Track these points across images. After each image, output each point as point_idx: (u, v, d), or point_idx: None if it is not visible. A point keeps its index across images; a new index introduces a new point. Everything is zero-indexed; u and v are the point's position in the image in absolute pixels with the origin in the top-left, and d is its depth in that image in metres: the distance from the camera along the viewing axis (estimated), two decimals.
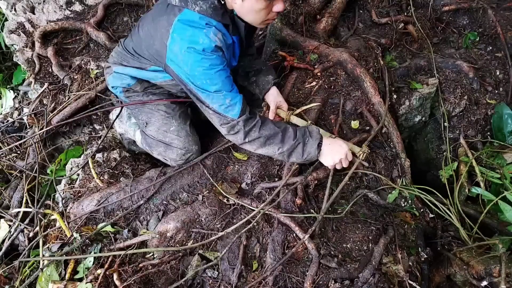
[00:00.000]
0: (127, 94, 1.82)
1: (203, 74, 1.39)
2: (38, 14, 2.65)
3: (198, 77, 1.40)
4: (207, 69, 1.37)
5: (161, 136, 1.78)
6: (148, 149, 1.90)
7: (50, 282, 1.49)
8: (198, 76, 1.40)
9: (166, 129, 1.78)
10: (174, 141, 1.77)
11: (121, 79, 1.77)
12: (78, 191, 1.85)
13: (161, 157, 1.84)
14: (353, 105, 1.99)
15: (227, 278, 1.45)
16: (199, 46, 1.33)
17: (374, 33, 2.52)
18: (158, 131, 1.79)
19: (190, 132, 1.81)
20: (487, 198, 1.75)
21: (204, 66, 1.36)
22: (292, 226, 1.49)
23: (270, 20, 1.43)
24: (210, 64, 1.37)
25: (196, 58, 1.35)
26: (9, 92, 2.94)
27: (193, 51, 1.34)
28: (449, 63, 2.29)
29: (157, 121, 1.80)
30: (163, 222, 1.64)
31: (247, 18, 1.41)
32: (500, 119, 2.11)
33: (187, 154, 1.79)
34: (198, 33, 1.33)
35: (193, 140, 1.80)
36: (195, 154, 1.82)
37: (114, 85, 1.82)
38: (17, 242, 1.86)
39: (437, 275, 1.58)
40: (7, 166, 2.27)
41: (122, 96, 1.86)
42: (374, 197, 1.72)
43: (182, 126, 1.80)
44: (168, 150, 1.79)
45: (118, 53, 1.76)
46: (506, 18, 2.35)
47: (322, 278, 1.37)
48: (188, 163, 1.83)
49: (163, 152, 1.81)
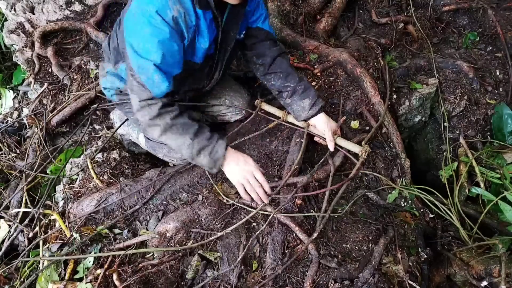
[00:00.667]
0: (120, 97, 1.79)
1: (144, 36, 1.27)
2: (37, 14, 2.65)
3: (140, 37, 1.29)
4: (152, 33, 1.26)
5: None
6: (153, 151, 1.89)
7: (50, 282, 1.49)
8: (139, 36, 1.28)
9: None
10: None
11: (111, 82, 1.73)
12: (78, 191, 1.85)
13: (167, 158, 1.82)
14: (353, 105, 1.99)
15: (227, 278, 1.45)
16: (153, 7, 1.23)
17: (374, 33, 2.52)
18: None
19: None
20: (487, 198, 1.75)
21: (150, 28, 1.25)
22: (292, 226, 1.49)
23: None
24: (157, 30, 1.26)
25: (146, 17, 1.25)
26: (9, 92, 2.94)
27: (146, 10, 1.24)
28: (449, 63, 2.29)
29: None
30: (163, 222, 1.64)
31: None
32: (500, 119, 2.11)
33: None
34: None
35: None
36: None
37: (106, 87, 1.79)
38: (16, 242, 1.86)
39: (437, 275, 1.58)
40: (7, 166, 2.27)
41: (115, 99, 1.82)
42: (374, 197, 1.72)
43: None
44: (172, 151, 1.77)
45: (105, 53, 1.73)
46: (506, 18, 2.35)
47: (322, 278, 1.37)
48: None
49: (167, 153, 1.79)
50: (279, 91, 1.73)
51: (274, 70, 1.71)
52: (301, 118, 1.70)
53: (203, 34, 1.41)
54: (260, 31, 1.67)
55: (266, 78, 1.75)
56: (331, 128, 1.66)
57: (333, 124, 1.69)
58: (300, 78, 1.72)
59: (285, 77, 1.70)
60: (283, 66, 1.70)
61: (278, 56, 1.71)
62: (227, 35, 1.52)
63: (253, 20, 1.63)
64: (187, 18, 1.31)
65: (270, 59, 1.70)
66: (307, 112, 1.67)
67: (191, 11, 1.31)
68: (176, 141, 1.43)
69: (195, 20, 1.34)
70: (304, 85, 1.69)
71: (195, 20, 1.34)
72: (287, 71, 1.70)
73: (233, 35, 1.55)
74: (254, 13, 1.61)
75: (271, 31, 1.71)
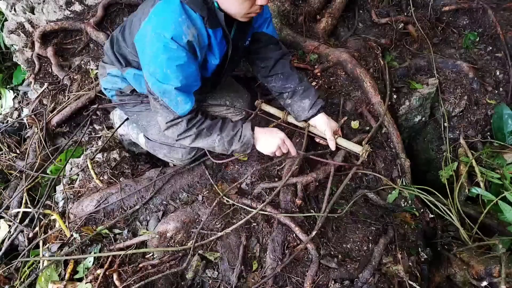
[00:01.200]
0: (120, 98, 1.79)
1: (162, 62, 1.30)
2: (37, 14, 2.65)
3: (157, 64, 1.31)
4: (170, 60, 1.29)
5: (163, 138, 1.76)
6: (153, 152, 1.89)
7: (50, 282, 1.49)
8: (158, 63, 1.31)
9: None
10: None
11: (113, 82, 1.74)
12: (78, 191, 1.85)
13: (167, 158, 1.82)
14: (353, 105, 1.99)
15: (227, 279, 1.45)
16: (168, 34, 1.25)
17: (374, 33, 2.52)
18: (159, 133, 1.76)
19: None
20: (487, 198, 1.75)
21: (167, 55, 1.28)
22: (292, 226, 1.49)
23: (253, 13, 1.35)
24: (174, 56, 1.28)
25: (162, 44, 1.26)
26: (9, 92, 2.94)
27: (162, 36, 1.25)
28: (449, 63, 2.29)
29: (157, 123, 1.76)
30: (163, 223, 1.64)
31: (229, 9, 1.33)
32: (500, 119, 2.11)
33: (192, 152, 1.75)
34: (172, 19, 1.25)
35: None
36: (200, 151, 1.78)
37: (107, 87, 1.79)
38: (16, 242, 1.86)
39: (437, 276, 1.58)
40: (7, 166, 2.27)
41: (116, 100, 1.82)
42: (374, 197, 1.72)
43: None
44: (172, 151, 1.76)
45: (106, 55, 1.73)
46: (506, 18, 2.35)
47: (322, 278, 1.37)
48: (194, 162, 1.81)
49: (167, 154, 1.79)
50: (280, 92, 1.74)
51: (275, 72, 1.72)
52: (301, 118, 1.72)
53: (214, 51, 1.44)
54: (265, 36, 1.68)
55: (267, 80, 1.76)
56: (331, 128, 1.67)
57: (333, 124, 1.70)
58: (301, 78, 1.73)
59: (285, 79, 1.71)
60: (285, 68, 1.72)
61: (281, 59, 1.72)
62: (236, 47, 1.54)
63: (258, 25, 1.65)
64: (200, 40, 1.33)
65: (273, 61, 1.71)
66: (307, 112, 1.68)
67: (203, 31, 1.34)
68: (207, 142, 1.52)
69: (207, 40, 1.37)
70: (305, 86, 1.70)
71: (207, 40, 1.37)
72: (288, 72, 1.71)
73: (241, 45, 1.58)
74: (259, 19, 1.63)
75: (274, 35, 1.72)
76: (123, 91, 1.76)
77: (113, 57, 1.66)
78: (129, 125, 2.05)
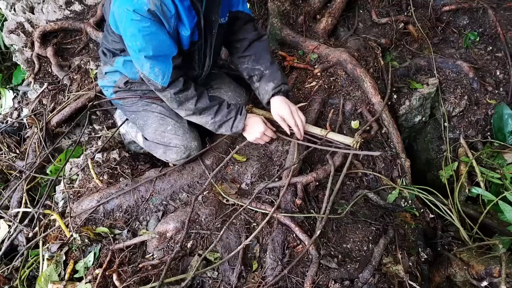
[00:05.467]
0: (119, 94, 1.82)
1: (133, 35, 1.38)
2: (37, 14, 2.65)
3: (129, 38, 1.40)
4: (136, 31, 1.35)
5: (159, 137, 1.77)
6: (150, 151, 1.90)
7: (50, 282, 1.49)
8: (129, 37, 1.39)
9: (164, 130, 1.76)
10: (173, 140, 1.75)
11: (110, 80, 1.80)
12: (77, 191, 1.85)
13: (163, 158, 1.83)
14: (353, 105, 1.99)
15: (227, 279, 1.45)
16: (131, 6, 1.31)
17: (374, 33, 2.52)
18: (155, 133, 1.77)
19: (188, 129, 1.78)
20: (487, 198, 1.75)
21: (134, 27, 1.35)
22: (292, 226, 1.49)
23: None
24: (140, 26, 1.34)
25: (128, 17, 1.34)
26: (9, 92, 2.93)
27: (125, 10, 1.33)
28: (449, 63, 2.29)
29: (153, 122, 1.78)
30: (162, 223, 1.63)
31: None
32: (500, 119, 2.11)
33: (187, 151, 1.76)
34: None
35: (191, 136, 1.77)
36: (196, 150, 1.79)
37: (105, 85, 1.84)
38: (16, 242, 1.86)
39: (437, 276, 1.58)
40: (7, 166, 2.26)
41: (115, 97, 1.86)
42: (374, 197, 1.71)
43: (179, 124, 1.77)
44: (168, 151, 1.77)
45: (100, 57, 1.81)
46: (506, 18, 2.34)
47: (322, 278, 1.37)
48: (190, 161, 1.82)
49: (163, 154, 1.79)
50: (250, 76, 1.77)
51: (248, 53, 1.76)
52: (265, 101, 1.75)
53: (184, 21, 1.45)
54: (241, 13, 1.71)
55: (240, 61, 1.79)
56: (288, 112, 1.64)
57: (292, 107, 1.66)
58: (272, 62, 1.75)
59: (257, 60, 1.74)
60: (258, 49, 1.75)
61: (256, 40, 1.75)
62: (209, 20, 1.55)
63: (233, 3, 1.67)
64: (164, 9, 1.36)
65: (247, 42, 1.75)
66: (268, 96, 1.70)
67: (168, 1, 1.36)
68: (200, 121, 1.67)
69: (173, 10, 1.38)
70: (272, 69, 1.72)
71: (174, 9, 1.38)
72: (260, 54, 1.74)
73: (215, 19, 1.57)
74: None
75: (249, 13, 1.75)
76: (120, 86, 1.80)
77: (103, 56, 1.74)
78: (128, 123, 2.07)
